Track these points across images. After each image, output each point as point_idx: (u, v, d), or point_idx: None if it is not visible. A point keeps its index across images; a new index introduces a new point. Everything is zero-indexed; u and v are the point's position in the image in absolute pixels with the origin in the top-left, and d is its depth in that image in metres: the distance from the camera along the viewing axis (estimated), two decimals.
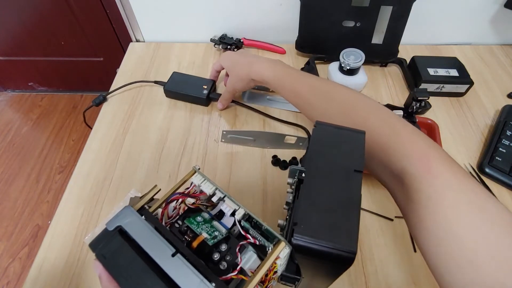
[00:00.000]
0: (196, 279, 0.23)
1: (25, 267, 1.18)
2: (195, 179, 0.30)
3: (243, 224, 0.28)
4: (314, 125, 0.29)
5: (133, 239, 0.25)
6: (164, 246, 0.24)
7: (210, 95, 0.63)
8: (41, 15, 1.36)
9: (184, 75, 0.67)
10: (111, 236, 0.26)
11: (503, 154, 0.53)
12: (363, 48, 0.63)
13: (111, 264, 0.25)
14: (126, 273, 0.24)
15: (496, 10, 0.71)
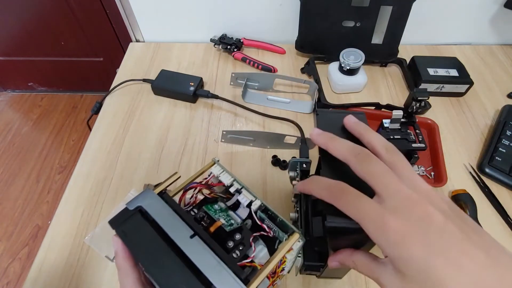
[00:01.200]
0: (213, 260, 0.23)
1: (25, 267, 1.18)
2: (214, 169, 0.31)
3: (259, 215, 0.29)
4: (316, 113, 0.30)
5: (152, 219, 0.26)
6: (183, 228, 0.25)
7: (197, 92, 0.63)
8: (41, 15, 1.36)
9: (172, 72, 0.67)
10: (131, 214, 0.26)
11: (503, 154, 0.53)
12: (363, 48, 0.63)
13: (131, 241, 0.25)
14: (146, 250, 0.24)
15: (496, 10, 0.71)
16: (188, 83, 0.64)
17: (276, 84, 0.65)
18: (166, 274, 0.23)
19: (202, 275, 0.23)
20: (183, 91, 0.63)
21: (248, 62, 0.71)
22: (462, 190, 0.48)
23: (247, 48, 0.77)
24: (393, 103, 0.62)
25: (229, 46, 0.73)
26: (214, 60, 0.74)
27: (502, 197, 0.50)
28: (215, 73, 0.71)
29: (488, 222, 0.46)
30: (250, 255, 0.26)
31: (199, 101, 0.65)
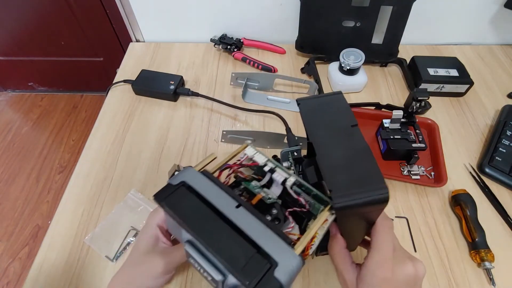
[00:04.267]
0: (260, 227, 0.24)
1: (25, 267, 1.18)
2: (248, 151, 0.32)
3: (295, 189, 0.30)
4: (298, 103, 0.32)
5: (197, 193, 0.27)
6: (228, 199, 0.26)
7: (177, 90, 0.64)
8: (41, 15, 1.36)
9: (153, 72, 0.68)
10: (175, 188, 0.27)
11: (503, 154, 0.53)
12: (363, 48, 0.63)
13: (177, 210, 0.26)
14: (193, 218, 0.25)
15: (496, 10, 0.71)
16: (169, 82, 0.64)
17: (276, 84, 0.65)
18: (216, 238, 0.24)
19: (250, 241, 0.24)
20: (163, 90, 0.64)
21: (248, 62, 0.71)
22: (462, 190, 0.48)
23: (247, 48, 0.77)
24: (393, 103, 0.62)
25: (229, 46, 0.73)
26: (214, 60, 0.74)
27: (502, 197, 0.50)
28: (215, 73, 0.71)
29: (488, 222, 0.46)
30: (287, 229, 0.28)
31: (199, 101, 0.65)
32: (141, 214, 0.49)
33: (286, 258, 0.23)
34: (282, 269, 0.23)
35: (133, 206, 0.49)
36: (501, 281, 0.42)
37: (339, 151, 0.27)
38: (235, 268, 0.22)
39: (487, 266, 0.42)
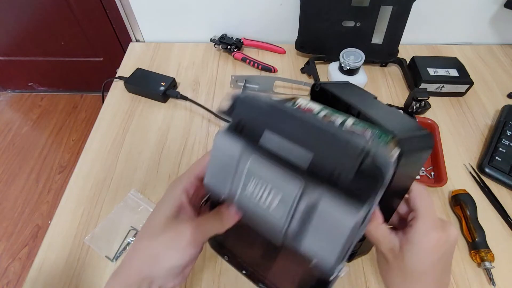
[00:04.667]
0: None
1: (25, 267, 1.18)
2: (301, 101, 0.29)
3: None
4: (315, 87, 0.34)
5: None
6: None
7: (167, 92, 0.64)
8: (41, 15, 1.36)
9: (147, 71, 0.68)
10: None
11: (503, 154, 0.53)
12: (363, 48, 0.63)
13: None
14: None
15: (496, 10, 0.71)
16: (160, 83, 0.64)
17: (276, 86, 0.65)
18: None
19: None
20: (153, 90, 0.64)
21: (248, 62, 0.71)
22: (462, 190, 0.48)
23: (247, 48, 0.77)
24: (393, 103, 0.62)
25: (229, 46, 0.73)
26: (214, 60, 0.74)
27: (502, 197, 0.50)
28: (215, 73, 0.71)
29: (488, 222, 0.46)
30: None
31: (199, 101, 0.65)
32: (141, 214, 0.49)
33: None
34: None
35: (133, 206, 0.49)
36: (501, 281, 0.42)
37: (375, 110, 0.29)
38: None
39: (487, 266, 0.42)
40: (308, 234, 0.22)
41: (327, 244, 0.22)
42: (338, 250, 0.21)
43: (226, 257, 0.31)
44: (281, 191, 0.22)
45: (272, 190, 0.23)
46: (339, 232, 0.21)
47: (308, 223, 0.22)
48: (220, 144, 0.25)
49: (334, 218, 0.21)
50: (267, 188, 0.23)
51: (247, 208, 0.24)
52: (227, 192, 0.25)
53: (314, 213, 0.22)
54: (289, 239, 0.23)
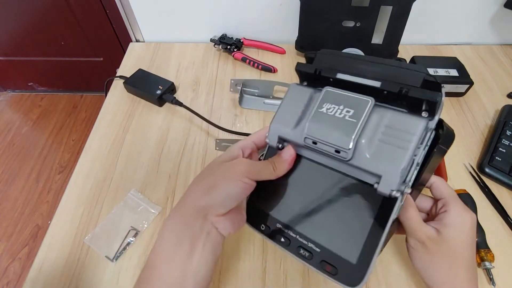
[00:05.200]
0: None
1: (25, 267, 1.18)
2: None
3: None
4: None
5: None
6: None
7: (163, 96, 0.63)
8: (41, 15, 1.36)
9: (148, 73, 0.68)
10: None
11: (503, 154, 0.53)
12: (363, 48, 0.63)
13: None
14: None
15: (496, 10, 0.71)
16: (157, 86, 0.64)
17: (276, 91, 0.65)
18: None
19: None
20: (150, 92, 0.64)
21: (248, 62, 0.71)
22: (462, 190, 0.48)
23: (247, 48, 0.77)
24: None
25: (229, 46, 0.73)
26: (214, 60, 0.74)
27: (502, 197, 0.50)
28: (215, 73, 0.71)
29: (488, 222, 0.46)
30: None
31: (199, 101, 0.65)
32: (141, 214, 0.49)
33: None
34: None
35: (133, 206, 0.49)
36: (501, 281, 0.42)
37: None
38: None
39: (487, 266, 0.42)
40: (376, 145, 0.25)
41: (394, 153, 0.24)
42: (406, 158, 0.24)
43: (262, 227, 0.31)
44: (353, 108, 0.26)
45: (345, 108, 0.26)
46: (406, 138, 0.24)
47: (377, 134, 0.26)
48: (293, 92, 0.31)
49: (403, 125, 0.25)
50: (340, 107, 0.27)
51: (321, 121, 0.27)
52: (294, 124, 0.29)
53: (383, 124, 0.25)
54: (359, 150, 0.26)
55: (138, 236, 0.47)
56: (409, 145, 0.24)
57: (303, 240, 0.29)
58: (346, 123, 0.26)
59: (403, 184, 0.25)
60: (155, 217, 0.48)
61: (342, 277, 0.26)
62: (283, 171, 0.30)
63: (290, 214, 0.31)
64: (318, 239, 0.29)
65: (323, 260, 0.28)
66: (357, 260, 0.26)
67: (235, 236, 0.46)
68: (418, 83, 0.25)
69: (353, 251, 0.27)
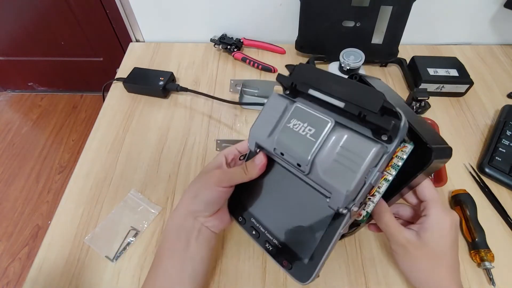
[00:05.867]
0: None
1: (25, 267, 1.18)
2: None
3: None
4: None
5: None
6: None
7: (167, 86, 0.64)
8: (41, 15, 1.36)
9: (144, 69, 0.68)
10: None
11: (503, 154, 0.53)
12: (363, 48, 0.63)
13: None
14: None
15: (496, 10, 0.71)
16: (158, 78, 0.64)
17: (276, 90, 0.65)
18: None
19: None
20: (152, 86, 0.64)
21: (248, 62, 0.71)
22: (462, 190, 0.48)
23: (247, 48, 0.77)
24: None
25: (229, 46, 0.73)
26: (214, 60, 0.74)
27: (502, 197, 0.50)
28: (215, 73, 0.71)
29: (488, 222, 0.46)
30: None
31: (199, 101, 0.65)
32: (141, 214, 0.49)
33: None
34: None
35: (133, 206, 0.49)
36: (501, 281, 0.42)
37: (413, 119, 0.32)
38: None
39: (487, 266, 0.42)
40: (330, 164, 0.27)
41: (345, 174, 0.26)
42: (354, 181, 0.26)
43: (240, 218, 0.37)
44: (315, 127, 0.28)
45: (308, 126, 0.29)
46: (357, 161, 0.26)
47: (333, 154, 0.27)
48: (272, 101, 0.33)
49: (356, 148, 0.26)
50: (304, 124, 0.29)
51: (287, 136, 0.30)
52: (269, 133, 0.32)
53: (339, 145, 0.27)
54: (315, 166, 0.28)
55: (138, 236, 0.47)
56: (359, 169, 0.26)
57: (269, 236, 0.34)
58: (307, 141, 0.29)
59: (351, 202, 0.27)
60: (155, 217, 0.48)
61: (295, 272, 0.31)
62: (254, 174, 0.35)
63: (263, 210, 0.36)
64: (281, 236, 0.33)
65: (282, 255, 0.33)
66: (308, 261, 0.31)
67: (235, 237, 0.46)
68: (377, 108, 0.26)
69: (306, 252, 0.31)
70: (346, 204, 0.27)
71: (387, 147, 0.27)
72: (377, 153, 0.26)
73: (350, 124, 0.29)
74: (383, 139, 0.27)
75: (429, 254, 0.32)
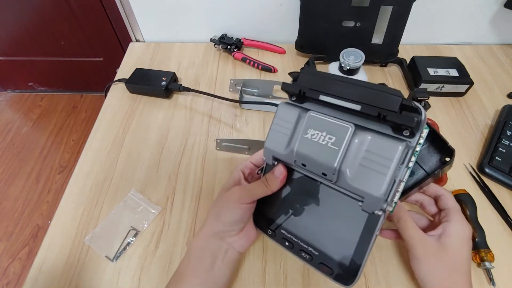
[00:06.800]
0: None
1: (25, 267, 1.18)
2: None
3: None
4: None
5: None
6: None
7: (169, 86, 0.64)
8: (41, 15, 1.36)
9: (146, 70, 0.68)
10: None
11: (503, 154, 0.53)
12: (363, 48, 0.63)
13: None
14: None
15: (496, 10, 0.71)
16: (161, 79, 0.64)
17: (275, 90, 0.65)
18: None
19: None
20: (155, 86, 0.64)
21: (248, 62, 0.71)
22: (462, 190, 0.48)
23: (247, 48, 0.77)
24: None
25: (229, 46, 0.73)
26: (214, 60, 0.74)
27: (502, 197, 0.50)
28: (215, 73, 0.71)
29: (488, 222, 0.46)
30: None
31: (199, 101, 0.65)
32: (141, 214, 0.49)
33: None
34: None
35: (133, 206, 0.49)
36: (501, 281, 0.42)
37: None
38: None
39: (487, 266, 0.42)
40: (357, 169, 0.27)
41: (375, 177, 0.26)
42: (385, 183, 0.26)
43: (269, 231, 0.36)
44: (335, 135, 0.28)
45: (327, 135, 0.28)
46: (385, 163, 0.26)
47: (358, 158, 0.27)
48: (281, 112, 0.32)
49: (381, 150, 0.26)
50: (323, 133, 0.28)
51: (306, 147, 0.29)
52: (285, 145, 0.31)
53: (363, 149, 0.27)
54: (342, 174, 0.28)
55: (138, 236, 0.47)
56: (388, 171, 0.26)
57: (304, 245, 0.33)
58: (329, 150, 0.28)
59: (385, 203, 0.27)
60: (155, 217, 0.48)
61: (338, 277, 0.31)
62: (276, 187, 0.34)
63: (291, 220, 0.35)
64: (317, 244, 0.33)
65: (321, 262, 0.32)
66: (349, 263, 0.30)
67: None
68: (395, 107, 0.26)
69: (346, 255, 0.31)
70: (380, 206, 0.27)
71: (410, 141, 0.26)
72: (403, 151, 0.26)
73: (368, 124, 0.28)
74: (405, 135, 0.27)
75: (448, 259, 0.33)
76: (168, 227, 0.47)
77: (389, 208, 0.27)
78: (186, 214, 0.49)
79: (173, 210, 0.49)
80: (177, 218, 0.48)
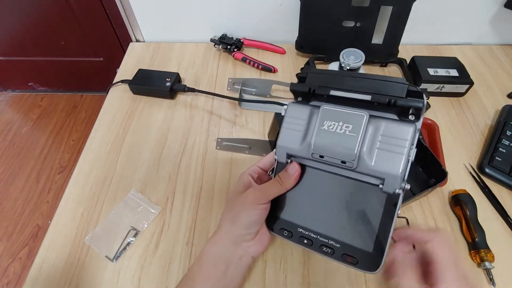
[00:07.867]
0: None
1: (25, 267, 1.18)
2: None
3: None
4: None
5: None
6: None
7: (174, 87, 0.64)
8: (41, 15, 1.36)
9: (149, 71, 0.68)
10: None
11: (503, 154, 0.53)
12: (363, 48, 0.63)
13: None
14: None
15: (496, 10, 0.71)
16: (165, 79, 0.64)
17: (274, 90, 0.65)
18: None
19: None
20: (159, 87, 0.64)
21: (248, 62, 0.71)
22: (462, 190, 0.48)
23: (247, 48, 0.77)
24: None
25: (229, 46, 0.73)
26: (214, 60, 0.74)
27: (502, 197, 0.50)
28: (215, 73, 0.71)
29: (488, 222, 0.46)
30: None
31: (199, 101, 0.65)
32: (141, 214, 0.49)
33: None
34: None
35: (133, 206, 0.49)
36: (501, 281, 0.42)
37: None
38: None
39: (487, 266, 0.42)
40: (376, 153, 0.29)
41: (393, 158, 0.28)
42: (402, 162, 0.28)
43: (285, 233, 0.35)
44: (351, 123, 0.30)
45: (344, 124, 0.30)
46: (401, 144, 0.28)
47: (375, 143, 0.29)
48: (292, 111, 0.33)
49: (396, 133, 0.29)
50: (339, 123, 0.30)
51: (325, 138, 0.31)
52: (300, 141, 0.32)
53: (379, 133, 0.29)
54: (362, 159, 0.29)
55: (138, 236, 0.47)
56: (404, 150, 0.28)
57: (323, 239, 0.33)
58: (348, 137, 0.30)
59: (403, 181, 0.29)
60: (155, 217, 0.48)
61: (363, 265, 0.31)
62: (290, 185, 0.34)
63: (307, 217, 0.35)
64: (337, 236, 0.33)
65: (344, 253, 0.32)
66: (373, 249, 0.31)
67: None
68: (403, 93, 0.29)
69: (368, 242, 0.31)
70: (400, 184, 0.29)
71: (416, 124, 0.29)
72: (414, 132, 0.29)
73: (377, 113, 0.31)
74: (411, 119, 0.30)
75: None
76: (168, 227, 0.48)
77: (407, 186, 0.29)
78: (186, 214, 0.49)
79: (173, 210, 0.49)
80: (177, 218, 0.48)
